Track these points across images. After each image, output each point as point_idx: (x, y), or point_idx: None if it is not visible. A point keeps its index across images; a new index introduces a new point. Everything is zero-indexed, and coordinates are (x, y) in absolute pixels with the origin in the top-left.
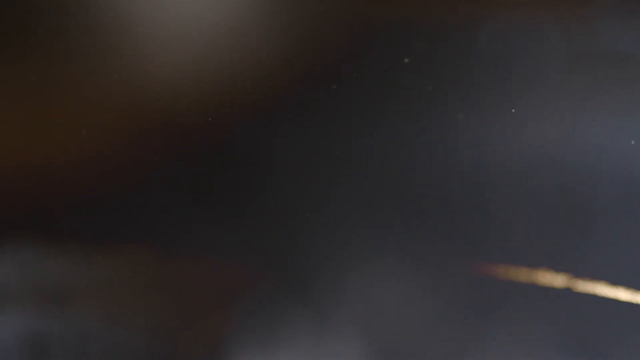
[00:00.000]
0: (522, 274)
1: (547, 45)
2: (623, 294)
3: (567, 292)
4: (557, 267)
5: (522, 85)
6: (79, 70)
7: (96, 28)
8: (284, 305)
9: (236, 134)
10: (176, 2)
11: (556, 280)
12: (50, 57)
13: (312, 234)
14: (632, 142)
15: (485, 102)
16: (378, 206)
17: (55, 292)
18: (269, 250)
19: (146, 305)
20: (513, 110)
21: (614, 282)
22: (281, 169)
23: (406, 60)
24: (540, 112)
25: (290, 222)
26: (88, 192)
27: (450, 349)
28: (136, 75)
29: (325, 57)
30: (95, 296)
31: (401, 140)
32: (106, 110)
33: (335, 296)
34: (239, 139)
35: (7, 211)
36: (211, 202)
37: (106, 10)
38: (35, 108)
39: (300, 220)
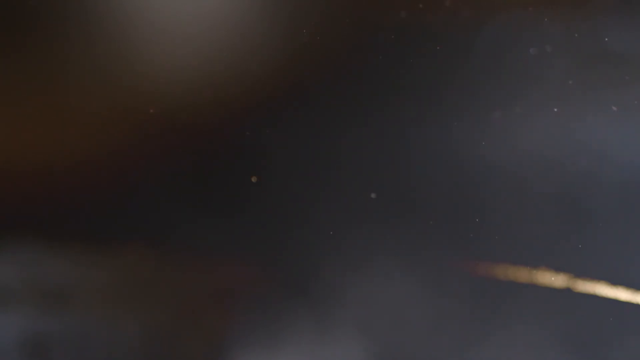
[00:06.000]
0: (522, 274)
1: (548, 45)
2: (623, 294)
3: (567, 292)
4: (557, 267)
5: (522, 85)
6: (79, 72)
7: (97, 29)
8: (284, 305)
9: (237, 134)
10: (176, 3)
11: (556, 280)
12: (51, 58)
13: (312, 234)
14: (614, 109)
15: (485, 102)
16: (378, 207)
17: (55, 292)
18: (269, 250)
19: (146, 305)
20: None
21: (614, 282)
22: (281, 169)
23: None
24: (541, 112)
25: (290, 221)
26: (88, 192)
27: (450, 349)
28: (135, 76)
29: (324, 58)
30: (95, 296)
31: (402, 141)
32: (106, 111)
33: (335, 296)
34: (239, 139)
35: (7, 211)
36: (211, 203)
37: (107, 12)
38: (35, 109)
39: (300, 220)
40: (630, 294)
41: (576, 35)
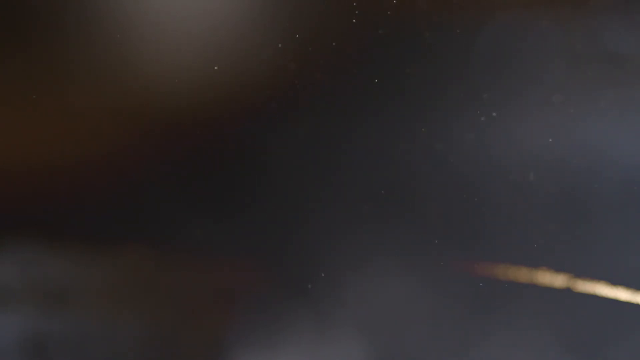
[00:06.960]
0: (522, 274)
1: (547, 45)
2: (623, 294)
3: (567, 292)
4: (557, 267)
5: (522, 85)
6: (79, 72)
7: (97, 29)
8: (284, 305)
9: (236, 134)
10: (176, 3)
11: (556, 280)
12: (51, 58)
13: (312, 233)
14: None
15: (484, 102)
16: (378, 206)
17: (55, 292)
18: (269, 250)
19: (146, 305)
20: (494, 114)
21: (614, 282)
22: (281, 168)
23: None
24: (540, 111)
25: (290, 222)
26: (88, 192)
27: (449, 349)
28: (135, 76)
29: (324, 58)
30: (95, 296)
31: (402, 141)
32: (106, 111)
33: (335, 296)
34: (239, 138)
35: (7, 211)
36: (211, 203)
37: (107, 11)
38: (36, 109)
39: (300, 220)
40: (630, 294)
41: (576, 35)
